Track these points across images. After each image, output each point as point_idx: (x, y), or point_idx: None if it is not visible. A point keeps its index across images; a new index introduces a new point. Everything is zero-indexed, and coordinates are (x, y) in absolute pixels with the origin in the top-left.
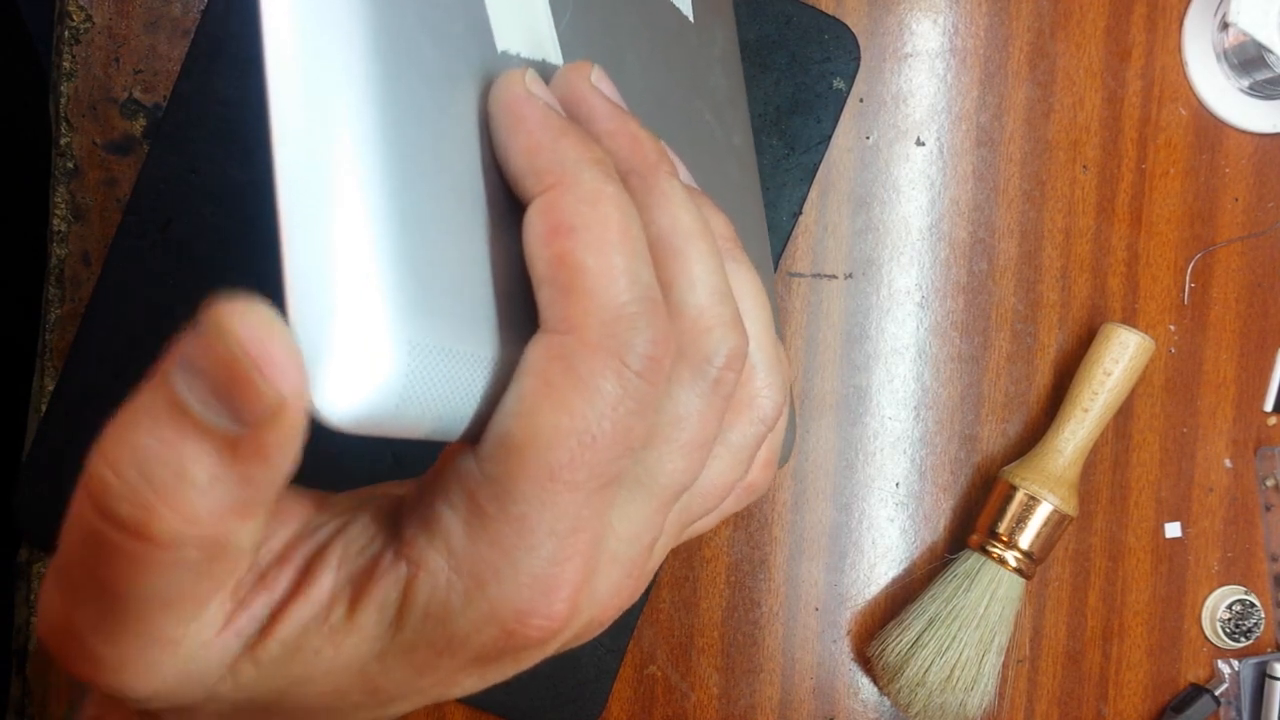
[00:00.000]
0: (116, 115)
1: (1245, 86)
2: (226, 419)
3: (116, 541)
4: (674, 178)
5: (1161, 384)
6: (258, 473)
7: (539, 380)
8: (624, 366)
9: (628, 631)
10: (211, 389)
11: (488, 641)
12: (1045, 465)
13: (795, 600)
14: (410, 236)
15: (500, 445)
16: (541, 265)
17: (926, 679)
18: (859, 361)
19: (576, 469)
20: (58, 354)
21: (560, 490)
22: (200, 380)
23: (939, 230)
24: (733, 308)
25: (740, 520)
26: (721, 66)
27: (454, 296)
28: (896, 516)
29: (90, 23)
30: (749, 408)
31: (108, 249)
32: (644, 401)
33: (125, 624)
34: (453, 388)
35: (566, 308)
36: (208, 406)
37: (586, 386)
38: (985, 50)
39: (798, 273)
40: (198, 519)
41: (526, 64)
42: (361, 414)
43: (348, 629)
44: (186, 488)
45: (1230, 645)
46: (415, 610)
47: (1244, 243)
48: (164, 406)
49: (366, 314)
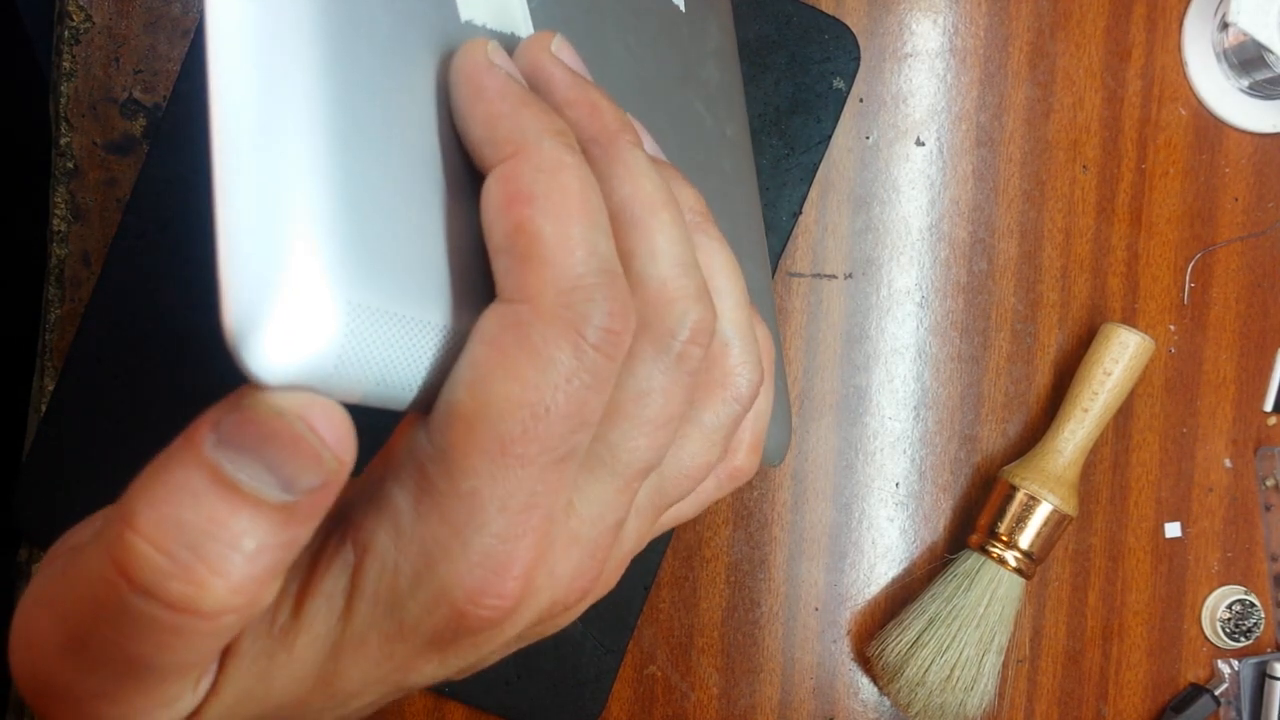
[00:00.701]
0: (116, 115)
1: (1245, 86)
2: (279, 490)
3: (156, 615)
4: (636, 147)
5: (1161, 384)
6: (304, 534)
7: (491, 349)
8: (580, 338)
9: (628, 631)
10: (262, 462)
11: (440, 624)
12: (1045, 465)
13: (795, 600)
14: (356, 197)
15: (449, 415)
16: (498, 233)
17: (926, 679)
18: (859, 361)
19: (529, 442)
20: (58, 354)
21: (512, 464)
22: (247, 455)
23: (939, 230)
24: (698, 280)
25: (740, 520)
26: (715, 59)
27: (402, 261)
28: (896, 516)
29: (90, 23)
30: (722, 386)
31: (108, 249)
32: (599, 375)
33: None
34: (398, 353)
35: (522, 276)
36: (258, 479)
37: (540, 357)
38: (985, 50)
39: (798, 273)
40: (246, 589)
41: (493, 36)
42: (298, 372)
43: (296, 628)
44: (241, 560)
45: (1230, 645)
46: (364, 597)
47: (1244, 243)
48: (207, 481)
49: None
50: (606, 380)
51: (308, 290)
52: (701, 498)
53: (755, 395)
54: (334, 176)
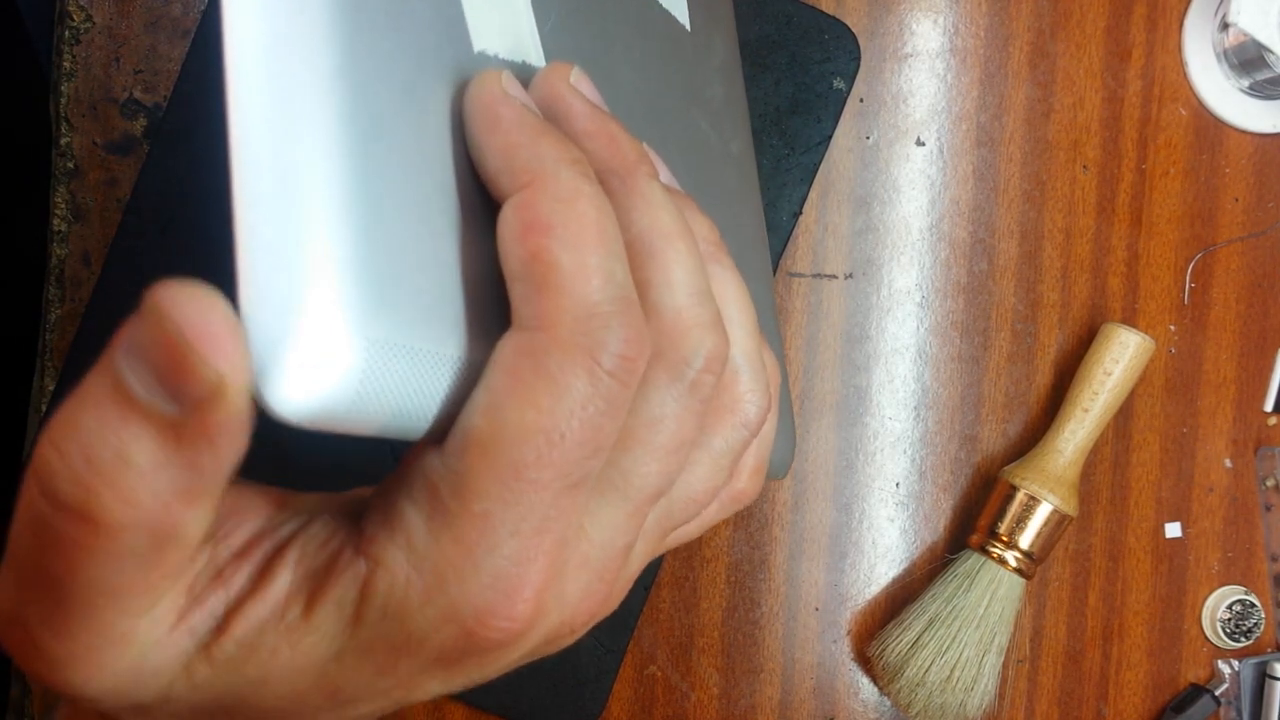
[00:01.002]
0: (116, 115)
1: (1245, 86)
2: (167, 401)
3: (61, 526)
4: (653, 179)
5: (1161, 384)
6: (202, 457)
7: (508, 376)
8: (595, 365)
9: (628, 631)
10: (153, 371)
11: (447, 642)
12: (1045, 465)
13: (795, 600)
14: (374, 232)
15: (465, 440)
16: (515, 262)
17: (926, 679)
18: (859, 361)
19: (543, 467)
20: (58, 354)
21: (525, 488)
22: (142, 363)
23: (939, 230)
24: (712, 309)
25: (740, 520)
26: (720, 75)
27: (419, 294)
28: (896, 516)
29: (90, 23)
30: (731, 413)
31: (108, 249)
32: (614, 402)
33: (73, 617)
34: (414, 386)
35: (539, 304)
36: (149, 389)
37: (556, 384)
38: (985, 50)
39: (798, 273)
40: (140, 503)
41: (505, 65)
42: (316, 409)
43: (305, 627)
44: (128, 470)
45: (1230, 645)
46: (373, 608)
47: (1244, 243)
48: (108, 389)
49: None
50: (621, 407)
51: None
52: (705, 520)
53: (763, 422)
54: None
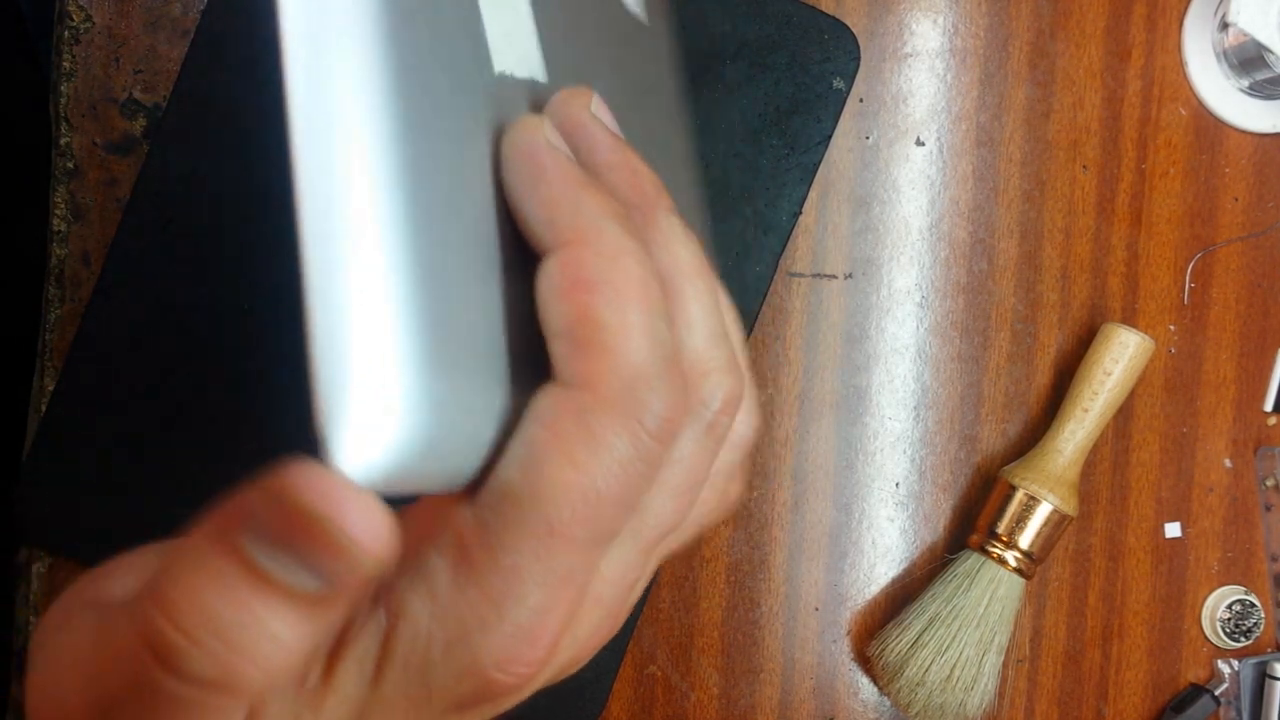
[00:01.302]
0: (116, 115)
1: (1245, 86)
2: (310, 578)
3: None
4: (672, 213)
5: (1161, 384)
6: (336, 614)
7: (549, 433)
8: (639, 425)
9: (628, 631)
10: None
11: (467, 691)
12: (1045, 465)
13: (795, 600)
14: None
15: (501, 494)
16: (559, 319)
17: (926, 679)
18: (859, 361)
19: (577, 525)
20: (58, 354)
21: (557, 545)
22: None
23: (939, 230)
24: (728, 350)
25: (740, 520)
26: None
27: (470, 349)
28: (896, 516)
29: (90, 23)
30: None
31: (108, 249)
32: (652, 462)
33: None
34: (466, 441)
35: (584, 363)
36: (288, 570)
37: (599, 443)
38: (985, 50)
39: (798, 273)
40: (281, 668)
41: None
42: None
43: (326, 691)
44: (273, 646)
45: (1230, 645)
46: (394, 663)
47: (1244, 243)
48: (240, 572)
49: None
50: (658, 466)
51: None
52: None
53: (756, 439)
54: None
